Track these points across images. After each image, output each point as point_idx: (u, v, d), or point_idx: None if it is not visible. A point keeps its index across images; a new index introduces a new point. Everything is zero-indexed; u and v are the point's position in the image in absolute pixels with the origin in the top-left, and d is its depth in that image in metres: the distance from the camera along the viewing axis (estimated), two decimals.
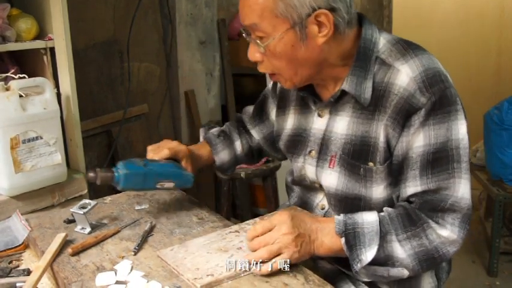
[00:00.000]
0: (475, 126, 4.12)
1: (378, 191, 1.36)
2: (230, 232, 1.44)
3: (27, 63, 2.14)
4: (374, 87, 1.33)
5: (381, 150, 1.32)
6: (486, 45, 4.70)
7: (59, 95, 2.09)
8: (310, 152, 1.49)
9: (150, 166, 1.51)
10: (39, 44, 2.06)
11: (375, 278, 1.32)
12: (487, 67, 4.72)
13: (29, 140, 1.87)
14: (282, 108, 1.64)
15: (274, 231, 1.26)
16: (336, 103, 1.41)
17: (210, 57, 3.80)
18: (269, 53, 1.31)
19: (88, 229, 1.50)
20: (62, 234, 1.43)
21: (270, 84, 1.79)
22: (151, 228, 1.51)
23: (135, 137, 3.20)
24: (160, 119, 3.47)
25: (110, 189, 1.63)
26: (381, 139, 1.32)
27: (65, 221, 1.59)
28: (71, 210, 1.51)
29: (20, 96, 1.84)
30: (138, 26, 3.06)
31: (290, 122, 1.59)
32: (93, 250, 1.40)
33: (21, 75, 1.91)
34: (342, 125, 1.40)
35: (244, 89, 4.13)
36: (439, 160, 1.26)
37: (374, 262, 1.26)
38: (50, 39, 2.07)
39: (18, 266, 1.41)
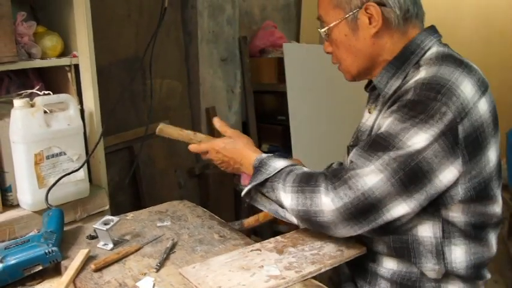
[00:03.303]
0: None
1: None
2: (252, 250, 1.43)
3: (52, 80, 2.17)
4: (399, 86, 1.38)
5: None
6: (508, 62, 4.66)
7: (82, 111, 2.11)
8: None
9: (8, 258, 1.36)
10: (64, 61, 2.08)
11: (271, 211, 1.43)
12: (509, 85, 4.66)
13: (52, 156, 1.89)
14: None
15: (210, 152, 1.60)
16: (376, 100, 1.50)
17: (231, 74, 3.82)
18: (331, 41, 1.47)
19: (110, 245, 1.51)
20: (85, 250, 1.43)
21: None
22: (173, 245, 1.51)
23: (156, 153, 3.21)
24: None
25: (131, 205, 1.63)
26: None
27: (87, 237, 1.59)
28: (94, 226, 1.52)
29: (45, 112, 1.86)
30: (161, 43, 3.08)
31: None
32: (115, 266, 1.40)
33: (45, 92, 1.93)
34: (372, 119, 1.47)
35: (265, 106, 4.14)
36: (376, 144, 1.27)
37: (264, 195, 1.43)
38: (75, 56, 2.09)
39: (40, 282, 1.42)
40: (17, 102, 1.79)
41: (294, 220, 1.38)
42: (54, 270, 1.44)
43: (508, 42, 4.65)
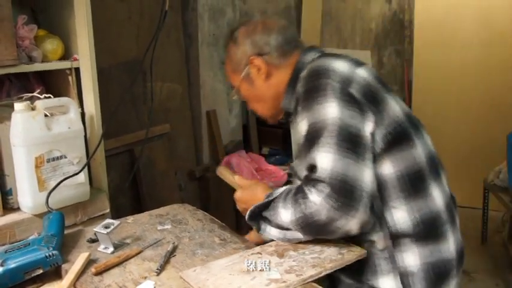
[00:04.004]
0: (498, 147, 4.09)
1: None
2: (252, 254, 1.43)
3: (53, 83, 2.17)
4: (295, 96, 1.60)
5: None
6: (509, 64, 4.65)
7: (83, 114, 2.11)
8: None
9: (9, 261, 1.37)
10: (64, 64, 2.08)
11: (276, 237, 1.52)
12: (510, 88, 4.66)
13: (53, 159, 1.88)
14: None
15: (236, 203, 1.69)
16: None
17: None
18: (244, 98, 1.75)
19: (111, 249, 1.51)
20: (86, 254, 1.43)
21: None
22: (174, 249, 1.51)
23: (157, 156, 3.21)
24: (181, 139, 3.48)
25: (132, 208, 1.63)
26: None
27: (88, 240, 1.59)
28: (94, 229, 1.52)
29: (45, 115, 1.85)
30: (161, 46, 3.09)
31: None
32: (116, 270, 1.40)
33: (46, 95, 1.93)
34: (296, 132, 1.60)
35: None
36: (310, 141, 1.44)
37: (270, 222, 1.51)
38: (76, 59, 2.09)
39: (41, 286, 1.42)
40: (18, 106, 1.79)
41: (300, 236, 1.46)
42: (55, 274, 1.44)
43: (508, 44, 4.64)
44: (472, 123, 4.84)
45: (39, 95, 1.93)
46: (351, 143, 1.39)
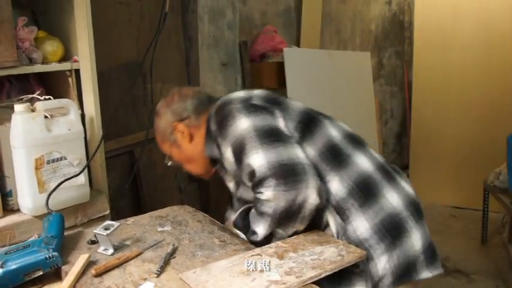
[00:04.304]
0: (498, 148, 4.09)
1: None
2: (252, 255, 1.43)
3: (53, 85, 2.17)
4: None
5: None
6: (508, 66, 4.65)
7: (83, 116, 2.11)
8: None
9: (8, 263, 1.37)
10: (64, 66, 2.08)
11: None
12: (510, 89, 4.66)
13: (53, 161, 1.89)
14: None
15: None
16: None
17: (231, 79, 3.82)
18: (178, 163, 1.91)
19: (111, 250, 1.51)
20: (85, 255, 1.43)
21: None
22: (174, 251, 1.51)
23: (157, 157, 3.21)
24: None
25: (132, 209, 1.64)
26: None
27: (88, 242, 1.59)
28: (94, 231, 1.52)
29: (45, 117, 1.86)
30: (161, 48, 3.08)
31: None
32: (115, 272, 1.40)
33: (46, 97, 1.93)
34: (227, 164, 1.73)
35: None
36: (238, 156, 1.59)
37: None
38: (76, 61, 2.10)
39: (41, 287, 1.42)
40: (18, 107, 1.79)
41: (284, 234, 1.58)
42: (55, 275, 1.44)
43: (508, 45, 4.64)
44: (472, 124, 4.83)
45: (39, 97, 1.94)
46: (272, 136, 1.56)
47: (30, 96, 1.98)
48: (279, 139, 1.56)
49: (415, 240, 1.60)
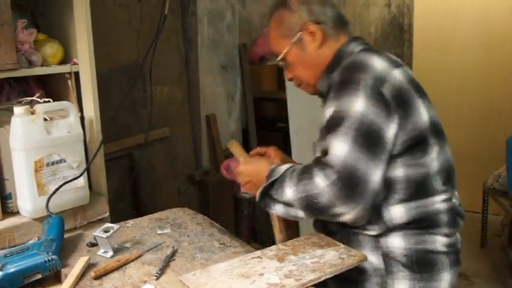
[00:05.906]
0: (498, 151, 4.09)
1: None
2: (252, 258, 1.43)
3: (52, 87, 2.17)
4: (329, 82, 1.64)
5: None
6: (508, 69, 4.66)
7: (82, 118, 2.11)
8: None
9: (8, 266, 1.37)
10: (64, 68, 2.08)
11: (281, 213, 1.53)
12: (510, 91, 4.67)
13: (52, 163, 1.88)
14: None
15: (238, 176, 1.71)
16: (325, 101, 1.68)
17: (231, 81, 3.82)
18: (288, 66, 1.75)
19: (110, 253, 1.50)
20: (85, 258, 1.43)
21: None
22: (174, 253, 1.51)
23: (156, 160, 3.21)
24: (181, 143, 3.48)
25: (131, 212, 1.63)
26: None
27: (87, 244, 1.59)
28: (94, 233, 1.52)
29: (45, 119, 1.86)
30: (161, 50, 3.09)
31: None
32: (115, 274, 1.40)
33: (46, 99, 1.93)
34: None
35: (265, 113, 4.14)
36: (330, 127, 1.46)
37: (275, 200, 1.52)
38: (75, 63, 2.10)
39: None
40: (17, 110, 1.79)
41: (301, 214, 1.46)
42: (54, 278, 1.44)
43: (508, 48, 4.65)
44: (472, 127, 4.84)
45: (38, 99, 1.94)
46: (368, 140, 1.41)
47: (30, 98, 1.98)
48: (371, 148, 1.40)
49: None
